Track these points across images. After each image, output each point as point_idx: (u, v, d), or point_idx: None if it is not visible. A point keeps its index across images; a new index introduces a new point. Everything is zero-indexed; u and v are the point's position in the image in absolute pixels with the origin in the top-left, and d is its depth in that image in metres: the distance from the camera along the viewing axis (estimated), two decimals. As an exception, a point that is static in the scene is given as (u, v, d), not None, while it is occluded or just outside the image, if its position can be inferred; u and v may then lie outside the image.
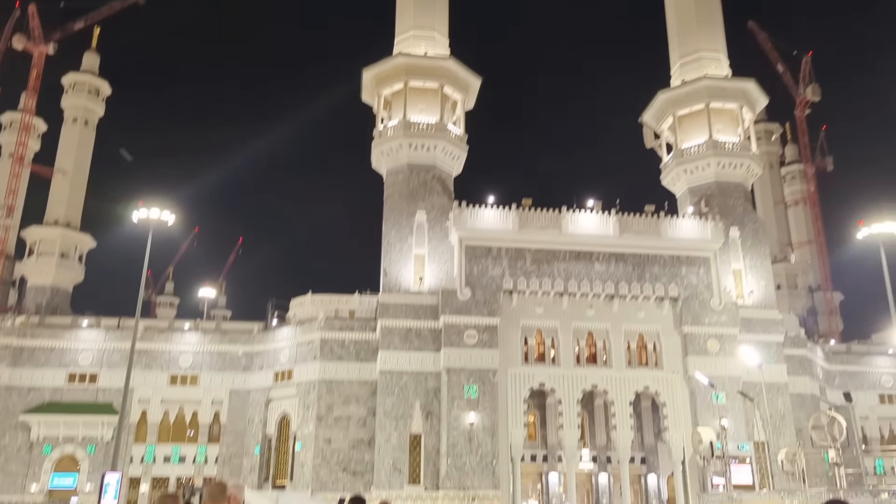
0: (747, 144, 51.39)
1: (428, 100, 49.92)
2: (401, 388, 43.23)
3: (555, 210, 46.73)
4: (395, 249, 46.66)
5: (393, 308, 44.80)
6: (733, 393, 43.93)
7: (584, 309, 45.79)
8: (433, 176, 48.52)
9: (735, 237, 48.99)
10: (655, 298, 45.98)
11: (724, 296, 46.44)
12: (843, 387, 52.88)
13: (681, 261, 46.72)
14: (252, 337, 49.72)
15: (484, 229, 45.73)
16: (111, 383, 45.98)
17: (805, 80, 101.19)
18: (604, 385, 44.61)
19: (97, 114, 73.69)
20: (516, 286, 44.96)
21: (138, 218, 32.56)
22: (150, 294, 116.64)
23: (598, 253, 46.19)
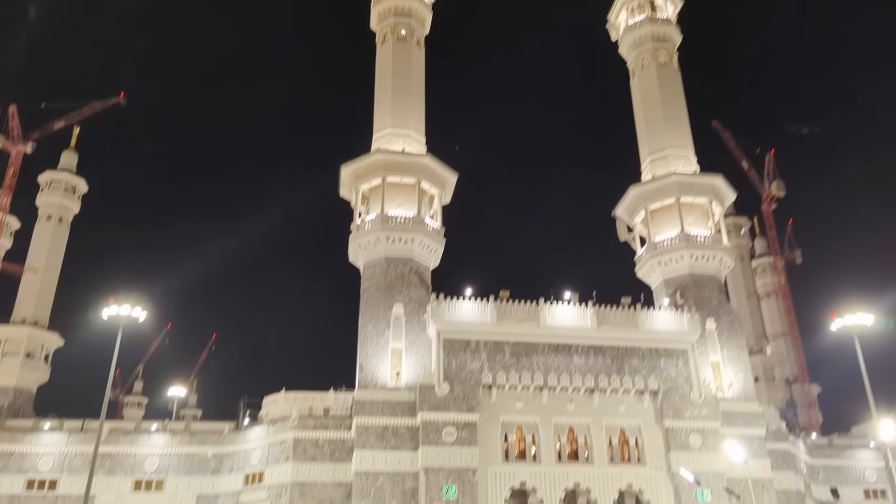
0: (719, 237, 52.39)
1: (405, 194, 50.60)
2: (377, 489, 41.56)
3: (533, 302, 46.71)
4: (371, 344, 45.98)
5: (369, 405, 43.68)
6: (718, 490, 42.85)
7: (565, 403, 45.04)
8: (411, 269, 48.54)
9: (711, 329, 49.14)
10: (635, 392, 45.46)
11: (704, 389, 46.06)
12: (828, 482, 52.03)
13: (659, 353, 46.54)
14: (222, 437, 47.95)
15: (462, 322, 45.40)
16: (72, 490, 43.70)
17: (769, 177, 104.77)
18: (586, 483, 43.33)
19: (72, 211, 73.56)
20: (496, 380, 44.27)
21: (108, 315, 31.83)
22: (118, 394, 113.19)
23: (577, 345, 45.91)
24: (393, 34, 58.23)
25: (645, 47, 60.02)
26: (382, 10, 59.62)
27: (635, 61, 60.75)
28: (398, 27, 58.41)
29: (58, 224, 71.81)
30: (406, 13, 59.05)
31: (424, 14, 60.39)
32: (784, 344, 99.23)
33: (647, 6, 61.26)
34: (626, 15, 62.44)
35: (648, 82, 59.15)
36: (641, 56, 60.19)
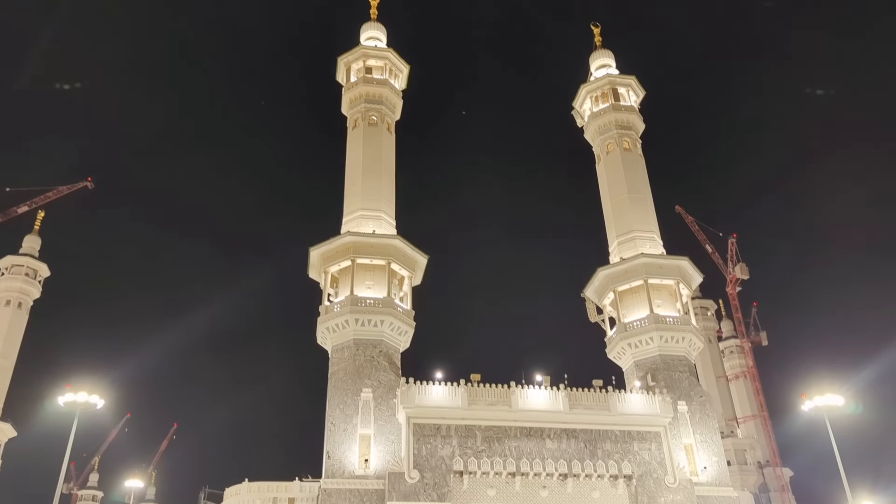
0: (687, 318, 52.83)
1: (375, 276, 50.43)
2: (343, 586, 39.51)
3: (504, 386, 46.07)
4: (339, 430, 44.69)
5: (336, 495, 42.08)
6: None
7: (538, 490, 43.86)
8: (380, 352, 47.85)
9: (683, 411, 48.85)
10: (609, 476, 44.54)
11: (679, 472, 45.34)
12: (808, 569, 50.84)
13: (632, 436, 45.93)
14: (180, 532, 45.55)
15: (432, 406, 44.45)
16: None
17: (732, 260, 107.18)
18: (562, 575, 41.78)
19: (32, 295, 72.07)
20: (467, 467, 43.09)
21: (64, 402, 30.56)
22: (72, 487, 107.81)
23: (550, 429, 45.12)
24: (364, 120, 59.45)
25: (609, 134, 62.02)
26: (353, 96, 61.04)
27: (600, 147, 62.64)
28: (369, 113, 59.70)
29: (17, 309, 70.09)
30: (377, 100, 60.49)
31: (395, 101, 61.93)
32: (755, 426, 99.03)
33: (610, 95, 63.67)
34: (590, 103, 64.76)
35: (613, 167, 60.82)
36: (606, 142, 62.12)
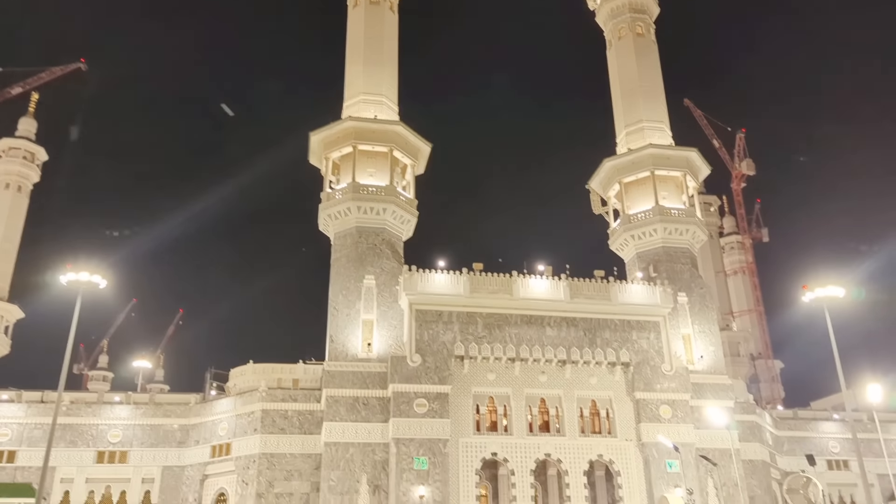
0: (692, 211, 52.40)
1: (377, 163, 49.57)
2: (347, 460, 41.08)
3: (506, 275, 46.23)
4: (342, 315, 45.21)
5: (339, 376, 43.04)
6: (688, 460, 43.17)
7: (537, 375, 44.89)
8: (382, 240, 47.71)
9: (683, 302, 49.26)
10: (607, 364, 45.44)
11: (675, 361, 46.23)
12: (792, 453, 52.87)
13: (631, 325, 46.51)
14: (188, 409, 46.97)
15: (435, 294, 44.77)
16: (31, 461, 42.39)
17: (739, 156, 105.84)
18: (557, 454, 43.37)
19: (32, 179, 71.32)
20: (468, 352, 43.87)
21: (67, 281, 30.54)
22: (82, 368, 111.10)
23: (550, 317, 45.63)
24: (365, -2, 56.60)
25: (622, 18, 59.40)
26: (354, -27, 57.95)
27: (612, 31, 60.16)
28: (370, -9, 56.78)
29: (17, 193, 69.58)
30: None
31: (398, -23, 58.84)
32: (749, 320, 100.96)
33: (624, -24, 60.46)
34: (602, -16, 61.63)
35: (625, 53, 58.63)
36: (618, 26, 59.58)
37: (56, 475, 43.01)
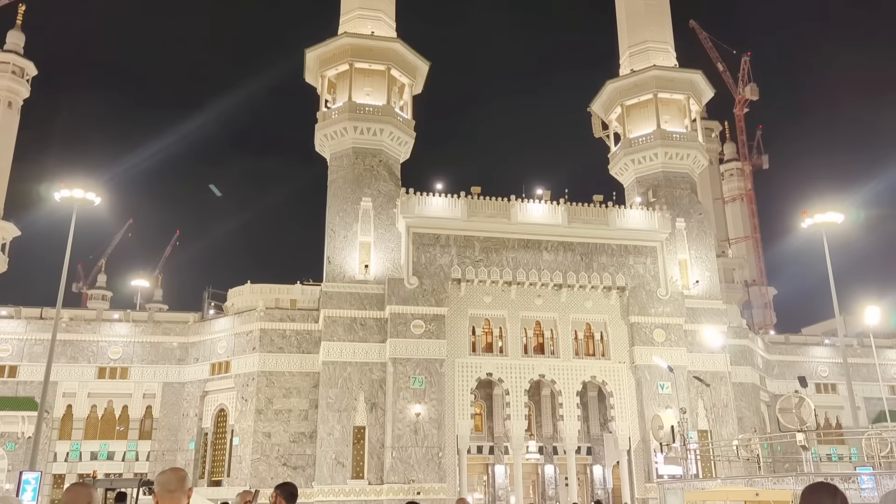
0: (694, 135, 51.70)
1: (374, 82, 48.44)
2: (344, 379, 41.80)
3: (504, 199, 45.93)
4: (339, 237, 45.11)
5: (337, 297, 43.29)
6: (680, 382, 44.00)
7: (533, 298, 45.20)
8: (380, 161, 47.12)
9: (681, 227, 49.18)
10: (603, 288, 45.70)
11: (671, 286, 46.51)
12: (782, 376, 53.92)
13: (628, 250, 46.58)
14: (187, 328, 47.44)
15: (432, 217, 44.58)
16: (33, 376, 43.07)
17: (744, 80, 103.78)
18: (551, 375, 44.14)
19: (22, 95, 69.71)
20: (464, 275, 44.01)
21: (61, 197, 30.20)
22: (81, 287, 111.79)
23: (547, 242, 45.61)
24: None
25: (629, -69, 57.03)
26: None
27: (618, -53, 57.83)
28: None
29: (7, 109, 68.17)
30: None
31: None
32: (745, 247, 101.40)
33: None
34: None
35: (631, -31, 56.52)
36: (625, -59, 57.25)
37: (58, 389, 43.78)
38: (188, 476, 4.77)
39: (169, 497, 4.48)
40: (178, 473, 4.66)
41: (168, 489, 4.50)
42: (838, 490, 3.74)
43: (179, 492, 4.52)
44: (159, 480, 4.53)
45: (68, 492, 4.75)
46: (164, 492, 4.49)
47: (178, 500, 4.49)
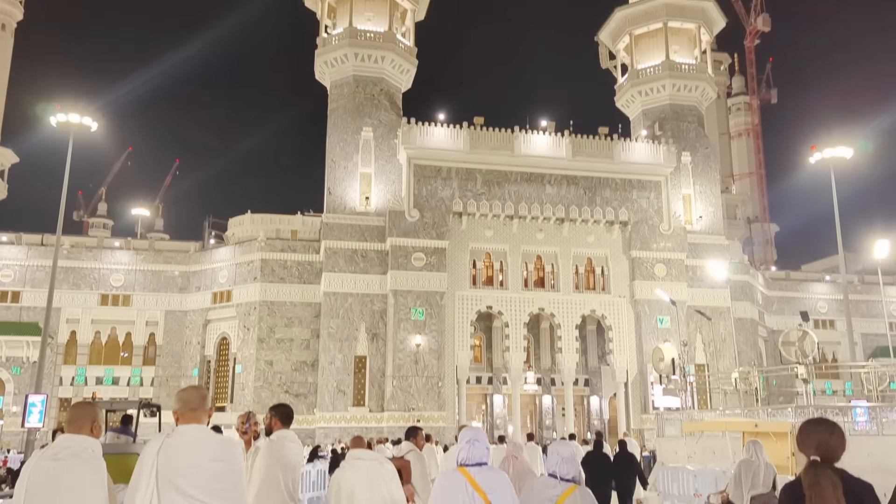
0: (703, 67, 50.50)
1: (375, 7, 47.00)
2: (346, 310, 42.03)
3: (507, 130, 45.18)
4: (339, 167, 44.60)
5: (337, 229, 43.10)
6: (679, 316, 44.22)
7: (534, 232, 45.01)
8: (381, 90, 46.15)
9: (686, 162, 48.57)
10: (605, 223, 45.46)
11: (674, 221, 46.25)
12: (781, 312, 54.26)
13: (632, 185, 46.11)
14: (188, 257, 47.44)
15: (434, 148, 43.96)
16: (35, 302, 43.26)
17: (756, 10, 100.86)
18: (551, 308, 44.35)
19: (15, 17, 67.85)
20: (466, 208, 43.71)
21: (57, 122, 29.62)
22: (83, 215, 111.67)
23: (550, 175, 45.10)
24: None
25: None
26: None
27: None
28: None
29: (1, 31, 66.53)
30: None
31: None
32: (749, 184, 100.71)
33: None
34: None
35: None
36: None
37: (62, 316, 44.11)
38: (208, 395, 4.65)
39: (191, 415, 4.38)
40: (200, 392, 4.56)
41: (191, 407, 4.40)
42: (836, 426, 3.82)
43: (201, 410, 4.43)
44: (181, 398, 4.43)
45: (73, 409, 4.65)
46: (187, 410, 4.38)
47: (199, 419, 4.39)
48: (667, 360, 24.10)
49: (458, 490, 4.73)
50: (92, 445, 4.39)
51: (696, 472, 14.54)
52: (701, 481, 13.56)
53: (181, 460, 4.13)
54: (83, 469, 4.24)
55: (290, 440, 5.72)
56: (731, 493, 9.95)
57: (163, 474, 4.07)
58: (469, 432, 5.06)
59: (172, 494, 4.03)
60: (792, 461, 13.46)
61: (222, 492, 4.15)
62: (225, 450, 4.32)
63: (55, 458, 4.23)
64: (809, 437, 3.77)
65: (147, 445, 4.26)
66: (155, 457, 4.11)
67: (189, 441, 4.22)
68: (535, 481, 5.26)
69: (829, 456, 3.71)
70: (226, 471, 4.22)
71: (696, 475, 14.31)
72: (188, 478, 4.07)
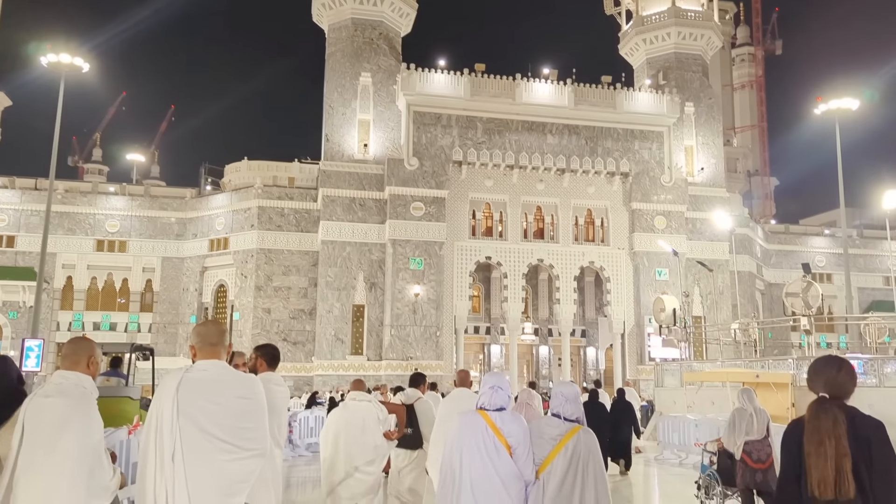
0: (710, 14, 49.37)
1: (375, -52, 45.50)
2: (344, 258, 41.83)
3: (509, 78, 44.29)
4: (337, 114, 43.82)
5: (335, 177, 42.58)
6: (677, 269, 44.20)
7: (535, 183, 44.56)
8: (380, 34, 45.04)
9: (689, 112, 47.84)
10: (606, 174, 44.98)
11: (675, 172, 45.80)
12: (779, 266, 54.29)
13: (634, 135, 45.49)
14: (184, 203, 46.94)
15: (434, 95, 43.12)
16: (31, 247, 42.89)
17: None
18: (550, 260, 44.22)
19: (1, -47, 65.80)
20: (466, 157, 43.14)
21: (48, 63, 28.82)
22: (77, 161, 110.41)
23: (552, 124, 44.42)
24: None
25: None
26: None
27: None
28: None
29: (-14, -32, 64.60)
30: None
31: None
32: (751, 137, 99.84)
33: None
34: None
35: None
36: None
37: (57, 261, 43.82)
38: (227, 330, 4.28)
39: (210, 350, 3.99)
40: (219, 326, 4.19)
41: (210, 342, 4.02)
42: (845, 362, 3.74)
43: (220, 346, 4.05)
44: (199, 332, 4.07)
45: (68, 344, 4.26)
46: (206, 344, 4.01)
47: (218, 355, 4.00)
48: (668, 310, 24.03)
49: (479, 431, 4.82)
50: (84, 382, 4.01)
51: (697, 421, 14.53)
52: (703, 431, 13.54)
53: (203, 397, 3.79)
54: (72, 407, 3.83)
55: (275, 383, 5.46)
56: (724, 441, 10.11)
57: (183, 411, 3.73)
58: (492, 378, 5.09)
59: (194, 434, 3.71)
60: (792, 412, 13.44)
61: (247, 431, 3.80)
62: (250, 386, 3.96)
63: (46, 395, 3.87)
64: (818, 375, 3.70)
65: (164, 381, 3.89)
66: (175, 393, 3.76)
67: (211, 377, 3.87)
68: (539, 421, 5.26)
69: (836, 392, 3.61)
70: (251, 409, 3.88)
71: (697, 425, 14.30)
72: (211, 416, 3.75)
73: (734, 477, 9.94)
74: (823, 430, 3.42)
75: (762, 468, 9.60)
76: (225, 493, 3.74)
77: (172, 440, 3.71)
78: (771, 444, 9.91)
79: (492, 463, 4.70)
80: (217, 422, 3.76)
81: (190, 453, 3.70)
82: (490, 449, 4.74)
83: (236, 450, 3.75)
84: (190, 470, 3.69)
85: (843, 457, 3.35)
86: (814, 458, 3.42)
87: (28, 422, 3.82)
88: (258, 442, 3.86)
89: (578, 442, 4.81)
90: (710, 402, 17.18)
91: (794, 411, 13.31)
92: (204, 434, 3.73)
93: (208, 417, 3.74)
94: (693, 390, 17.83)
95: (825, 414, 3.48)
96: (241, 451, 3.77)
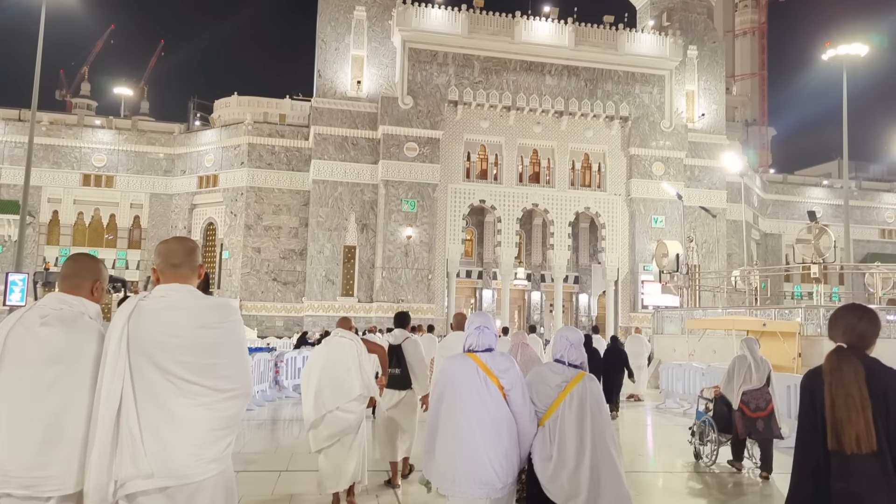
0: (718, -46, 47.69)
1: None
2: (335, 199, 41.08)
3: (508, 15, 42.85)
4: (330, 49, 42.42)
5: (327, 114, 41.47)
6: (674, 217, 43.74)
7: (531, 125, 43.59)
8: (376, -34, 43.31)
9: (692, 56, 46.62)
10: (605, 117, 44.00)
11: (676, 118, 44.86)
12: (775, 216, 53.87)
13: (635, 78, 44.35)
14: (173, 139, 45.79)
15: (430, 31, 41.71)
16: (15, 180, 41.81)
17: None
18: (545, 204, 43.60)
19: None
20: (462, 97, 42.03)
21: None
22: (65, 95, 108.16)
23: (551, 65, 43.20)
24: None
25: None
26: None
27: None
28: None
29: None
30: None
31: None
32: (750, 85, 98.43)
33: None
34: None
35: None
36: None
37: (43, 195, 42.91)
38: (198, 249, 3.43)
39: (173, 273, 3.25)
40: (184, 243, 3.37)
41: (172, 263, 3.26)
42: (868, 310, 3.53)
43: (186, 267, 3.29)
44: (160, 251, 3.31)
45: (70, 261, 3.47)
46: (167, 266, 3.26)
47: (183, 278, 3.25)
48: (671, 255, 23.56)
49: (470, 373, 4.55)
50: (90, 311, 3.28)
51: (703, 370, 14.20)
52: (709, 380, 13.22)
53: (158, 327, 3.11)
54: (78, 341, 3.15)
55: None
56: (722, 388, 10.01)
57: (135, 345, 3.06)
58: (478, 318, 4.79)
59: (148, 371, 3.05)
60: (798, 362, 13.08)
61: (215, 368, 3.13)
62: (217, 314, 3.21)
63: (43, 323, 3.11)
64: (837, 323, 3.49)
65: (117, 311, 3.18)
66: (125, 323, 3.08)
67: (169, 303, 3.16)
68: (542, 367, 4.99)
69: (857, 342, 3.41)
70: (219, 341, 3.16)
71: (704, 374, 13.97)
72: (168, 350, 3.07)
73: (730, 424, 9.80)
74: (847, 383, 3.23)
75: (762, 416, 9.51)
76: (199, 442, 3.09)
77: (121, 381, 3.05)
78: (771, 393, 9.71)
79: (484, 406, 4.48)
80: (177, 357, 3.09)
81: (146, 397, 3.06)
82: (482, 391, 4.50)
83: (207, 391, 3.11)
84: (146, 418, 3.04)
85: (864, 409, 3.21)
86: (843, 412, 3.21)
87: (8, 357, 3.09)
88: (235, 380, 3.20)
89: (584, 389, 4.61)
90: (711, 350, 16.86)
91: (801, 361, 12.97)
92: (162, 373, 3.08)
93: (167, 352, 3.09)
94: (695, 338, 17.47)
95: (847, 365, 3.29)
96: (213, 392, 3.12)
